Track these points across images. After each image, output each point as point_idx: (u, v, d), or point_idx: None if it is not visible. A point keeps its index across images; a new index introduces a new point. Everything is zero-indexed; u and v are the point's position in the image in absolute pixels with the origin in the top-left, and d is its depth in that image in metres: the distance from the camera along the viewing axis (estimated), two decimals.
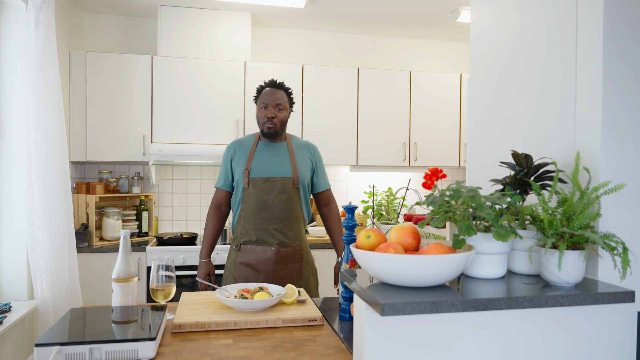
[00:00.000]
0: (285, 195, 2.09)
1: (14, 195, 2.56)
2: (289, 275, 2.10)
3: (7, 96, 2.57)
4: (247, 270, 2.08)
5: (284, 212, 2.09)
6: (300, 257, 2.15)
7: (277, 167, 2.11)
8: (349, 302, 1.55)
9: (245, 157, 2.13)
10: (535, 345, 1.09)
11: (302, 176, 2.14)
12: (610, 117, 1.15)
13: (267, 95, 2.10)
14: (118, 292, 1.43)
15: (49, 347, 1.14)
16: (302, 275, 2.14)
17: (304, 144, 2.24)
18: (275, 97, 2.10)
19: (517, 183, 1.22)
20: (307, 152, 2.22)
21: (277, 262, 2.08)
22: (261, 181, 2.08)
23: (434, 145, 3.87)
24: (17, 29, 2.52)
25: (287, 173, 2.11)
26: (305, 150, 2.21)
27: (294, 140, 2.22)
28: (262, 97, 2.12)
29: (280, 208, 2.09)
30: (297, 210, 2.14)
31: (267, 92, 2.12)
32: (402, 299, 0.95)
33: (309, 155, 2.22)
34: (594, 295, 1.04)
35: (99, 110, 3.32)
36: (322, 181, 2.25)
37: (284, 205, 2.09)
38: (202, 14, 3.52)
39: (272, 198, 2.08)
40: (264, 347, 1.30)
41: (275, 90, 2.12)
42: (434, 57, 4.30)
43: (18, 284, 2.59)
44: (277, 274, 2.08)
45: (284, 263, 2.09)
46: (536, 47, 1.41)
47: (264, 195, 2.08)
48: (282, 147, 2.17)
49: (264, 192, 2.08)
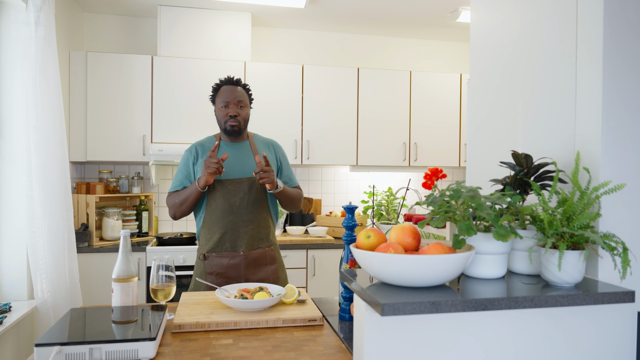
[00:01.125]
0: (253, 196, 2.01)
1: (14, 195, 2.56)
2: (264, 278, 2.01)
3: (7, 96, 2.57)
4: (218, 279, 1.97)
5: (252, 213, 2.01)
6: (273, 259, 2.06)
7: (243, 167, 2.04)
8: (349, 302, 1.55)
9: None
10: (536, 345, 1.09)
11: None
12: (610, 117, 1.15)
13: (227, 93, 2.01)
14: (118, 292, 1.43)
15: (49, 347, 1.14)
16: (278, 278, 2.06)
17: (267, 142, 2.16)
18: (235, 95, 2.01)
19: (517, 183, 1.22)
20: (271, 149, 2.14)
21: (247, 266, 1.99)
22: (227, 182, 1.99)
23: (434, 145, 3.87)
24: (17, 29, 2.53)
25: (252, 173, 2.02)
26: (268, 147, 2.13)
27: (256, 138, 2.15)
28: (222, 96, 2.03)
29: (249, 209, 2.00)
30: (266, 210, 2.06)
31: (226, 90, 2.03)
32: (402, 299, 0.95)
33: (273, 153, 2.13)
34: (594, 295, 1.04)
35: (99, 110, 3.32)
36: (288, 179, 2.15)
37: (252, 206, 2.01)
38: (202, 14, 3.52)
39: (240, 199, 1.99)
40: (264, 347, 1.30)
41: (234, 87, 2.03)
42: (434, 57, 4.30)
43: (18, 284, 2.59)
44: (250, 278, 1.99)
45: (255, 267, 2.01)
46: (536, 47, 1.41)
47: (231, 197, 1.99)
48: (245, 147, 2.09)
49: (231, 193, 1.99)
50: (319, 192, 4.07)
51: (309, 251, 3.37)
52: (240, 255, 1.98)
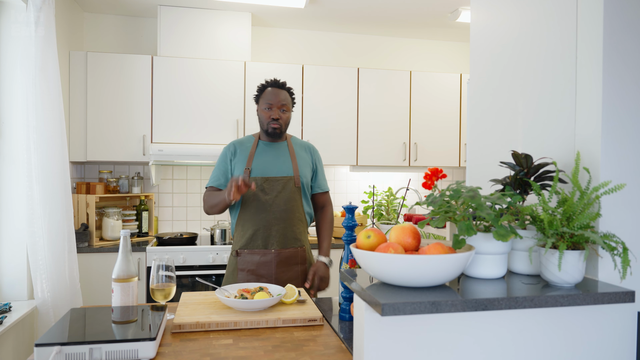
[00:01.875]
0: (286, 195, 2.05)
1: (14, 195, 2.56)
2: (293, 278, 2.04)
3: (7, 96, 2.57)
4: (249, 276, 2.01)
5: (285, 212, 2.04)
6: (304, 259, 2.09)
7: (279, 166, 2.08)
8: (349, 302, 1.55)
9: (246, 157, 2.09)
10: (536, 345, 1.09)
11: (303, 175, 2.10)
12: (610, 117, 1.15)
13: (271, 96, 2.07)
14: (118, 292, 1.43)
15: (49, 347, 1.14)
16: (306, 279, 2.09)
17: (304, 145, 2.21)
18: (279, 98, 2.07)
19: (517, 183, 1.22)
20: (308, 152, 2.19)
21: (278, 264, 2.02)
22: (262, 181, 2.03)
23: (434, 145, 3.87)
24: (17, 29, 2.52)
25: (288, 172, 2.08)
26: (305, 150, 2.19)
27: (294, 140, 2.20)
28: (266, 97, 2.08)
29: (282, 207, 2.04)
30: (299, 211, 2.09)
31: (271, 93, 2.08)
32: (402, 299, 0.95)
33: (310, 156, 2.19)
34: (594, 295, 1.04)
35: (99, 110, 3.32)
36: (321, 183, 2.21)
37: (285, 205, 2.04)
38: (202, 14, 3.52)
39: (274, 198, 2.03)
40: (264, 347, 1.30)
41: (278, 90, 2.09)
42: (434, 57, 4.30)
43: (18, 284, 2.59)
44: (280, 277, 2.02)
45: (286, 265, 2.04)
46: (536, 47, 1.41)
47: (264, 195, 2.03)
48: (282, 147, 2.14)
49: (265, 191, 2.03)
50: None
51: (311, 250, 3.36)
52: (271, 253, 2.02)
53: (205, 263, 3.13)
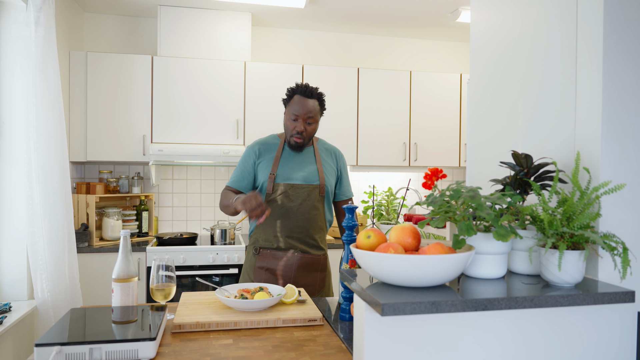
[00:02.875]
0: (310, 203, 1.99)
1: (14, 195, 2.56)
2: (311, 284, 2.01)
3: (7, 96, 2.57)
4: (267, 275, 1.98)
5: (308, 221, 1.99)
6: (324, 266, 2.06)
7: (304, 173, 2.01)
8: (349, 302, 1.55)
9: (271, 161, 2.02)
10: (536, 345, 1.09)
11: (329, 184, 2.05)
12: (610, 117, 1.15)
13: (298, 106, 1.96)
14: (118, 292, 1.43)
15: (49, 347, 1.14)
16: (324, 286, 2.06)
17: (330, 149, 2.15)
18: (307, 110, 1.96)
19: (517, 183, 1.22)
20: (333, 158, 2.13)
21: (299, 268, 1.98)
22: (287, 187, 1.97)
23: (434, 145, 3.87)
24: (17, 29, 2.53)
25: (314, 180, 2.02)
26: (331, 156, 2.13)
27: (320, 144, 2.13)
28: (293, 106, 1.98)
29: (305, 216, 1.99)
30: (321, 219, 2.05)
31: (299, 102, 1.97)
32: (402, 299, 0.95)
33: (335, 162, 2.13)
34: (594, 295, 1.04)
35: (99, 110, 3.32)
36: (346, 189, 2.16)
37: (308, 214, 1.99)
38: (202, 14, 3.52)
39: (297, 205, 1.98)
40: (264, 347, 1.30)
41: (306, 100, 1.97)
42: (434, 57, 4.30)
43: (18, 284, 2.59)
44: (298, 281, 1.98)
45: (307, 270, 2.00)
46: (536, 47, 1.40)
47: (288, 203, 1.97)
48: (309, 153, 2.07)
49: (289, 199, 1.98)
50: None
51: None
52: (294, 256, 1.98)
53: (205, 263, 3.13)
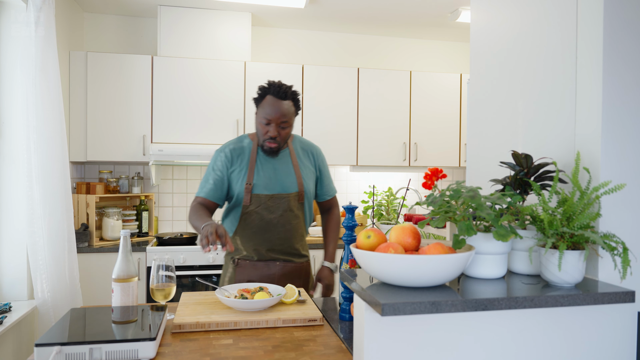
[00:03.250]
0: (291, 213, 1.87)
1: (14, 195, 2.56)
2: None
3: (7, 96, 2.57)
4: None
5: (289, 232, 1.89)
6: (307, 272, 1.99)
7: (283, 181, 1.87)
8: (349, 302, 1.55)
9: (246, 168, 1.85)
10: (536, 345, 1.09)
11: (308, 189, 1.92)
12: (610, 117, 1.15)
13: (271, 109, 1.79)
14: (118, 292, 1.43)
15: (49, 347, 1.14)
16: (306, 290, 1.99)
17: (306, 148, 1.99)
18: (280, 113, 1.78)
19: (517, 183, 1.22)
20: (310, 158, 1.98)
21: (281, 277, 1.90)
22: (265, 198, 1.83)
23: (434, 146, 3.88)
24: (17, 29, 2.52)
25: (293, 188, 1.88)
26: (308, 156, 1.98)
27: (296, 143, 1.98)
28: (265, 109, 1.80)
29: (286, 227, 1.87)
30: (302, 227, 1.95)
31: (271, 105, 1.79)
32: (402, 299, 0.95)
33: (312, 162, 1.98)
34: (594, 295, 1.04)
35: (99, 110, 3.32)
36: (327, 189, 2.02)
37: (289, 224, 1.88)
38: (202, 14, 3.52)
39: (278, 217, 1.85)
40: (264, 347, 1.30)
41: (280, 102, 1.79)
42: (434, 57, 4.30)
43: (18, 284, 2.59)
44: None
45: (289, 279, 1.91)
46: (536, 47, 1.40)
47: (268, 215, 1.84)
48: (285, 156, 1.92)
49: (269, 210, 1.84)
50: None
51: (309, 251, 3.36)
52: (276, 265, 1.90)
53: (205, 263, 3.13)
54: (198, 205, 1.82)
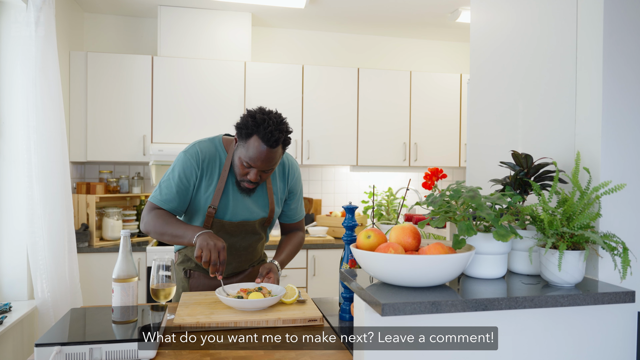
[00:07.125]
0: (255, 237, 1.77)
1: (14, 195, 2.56)
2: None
3: (7, 96, 2.57)
4: None
5: (250, 253, 1.80)
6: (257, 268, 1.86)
7: (251, 208, 1.72)
8: (349, 302, 1.55)
9: (212, 187, 1.65)
10: (536, 345, 1.09)
11: (277, 213, 1.81)
12: (610, 117, 1.15)
13: (256, 156, 1.54)
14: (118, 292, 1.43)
15: (49, 347, 1.14)
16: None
17: (282, 165, 1.79)
18: (265, 162, 1.56)
19: (517, 183, 1.22)
20: (284, 177, 1.79)
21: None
22: (229, 226, 1.69)
23: (434, 146, 3.87)
24: (17, 29, 2.53)
25: (261, 214, 1.74)
26: (282, 178, 1.79)
27: None
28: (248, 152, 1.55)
29: (248, 250, 1.78)
30: (263, 243, 1.86)
31: (257, 150, 1.53)
32: (402, 299, 0.95)
33: (284, 182, 1.80)
34: (594, 295, 1.04)
35: (99, 110, 3.32)
36: (293, 212, 1.86)
37: (250, 247, 1.78)
38: (202, 14, 3.52)
39: (240, 240, 1.74)
40: (264, 347, 1.30)
41: (268, 150, 1.54)
42: (434, 57, 4.30)
43: (18, 284, 2.59)
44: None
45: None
46: (536, 47, 1.40)
47: (229, 239, 1.71)
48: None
49: (231, 234, 1.71)
50: (319, 192, 4.07)
51: (309, 251, 3.37)
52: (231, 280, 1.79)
53: None
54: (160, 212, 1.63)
